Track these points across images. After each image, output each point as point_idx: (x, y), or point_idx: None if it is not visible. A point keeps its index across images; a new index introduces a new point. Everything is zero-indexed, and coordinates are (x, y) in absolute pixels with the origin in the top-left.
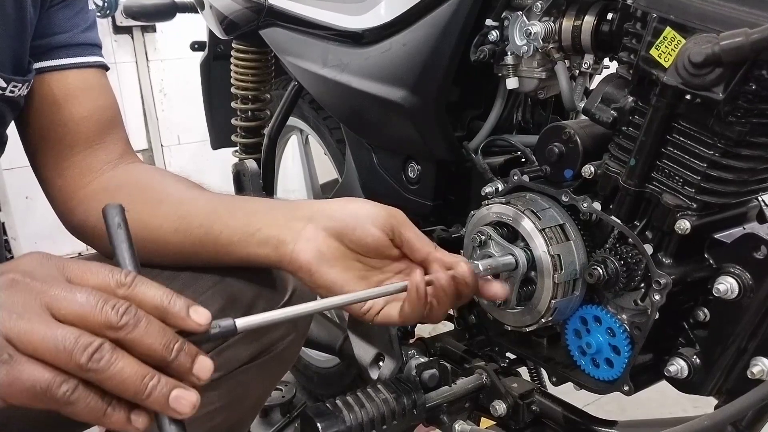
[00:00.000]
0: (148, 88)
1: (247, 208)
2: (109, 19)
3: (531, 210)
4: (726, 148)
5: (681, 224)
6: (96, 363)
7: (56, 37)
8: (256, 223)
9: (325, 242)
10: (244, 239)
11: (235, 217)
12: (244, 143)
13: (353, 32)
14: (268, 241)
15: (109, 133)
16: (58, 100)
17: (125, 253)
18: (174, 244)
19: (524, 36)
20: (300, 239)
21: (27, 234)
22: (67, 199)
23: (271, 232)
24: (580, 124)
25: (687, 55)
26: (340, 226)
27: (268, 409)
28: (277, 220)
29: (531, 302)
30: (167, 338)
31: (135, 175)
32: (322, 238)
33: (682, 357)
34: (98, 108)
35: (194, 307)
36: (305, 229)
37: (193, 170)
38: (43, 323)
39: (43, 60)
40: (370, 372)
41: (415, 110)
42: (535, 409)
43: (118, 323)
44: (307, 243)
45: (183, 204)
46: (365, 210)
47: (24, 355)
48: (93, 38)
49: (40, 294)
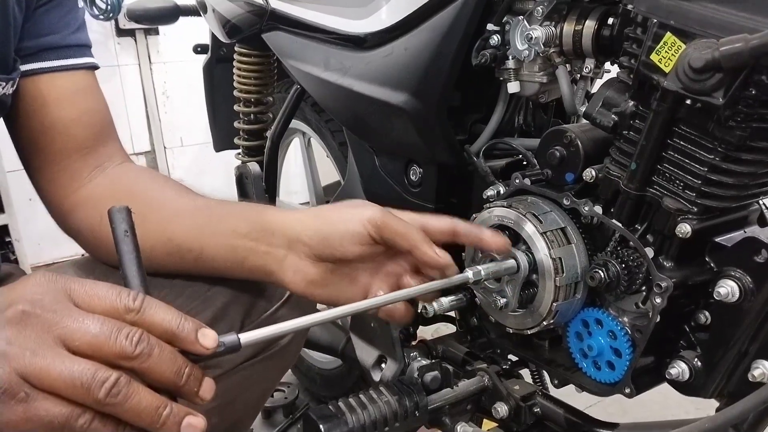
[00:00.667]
0: (150, 91)
1: (228, 229)
2: (112, 21)
3: (532, 213)
4: (726, 153)
5: (682, 228)
6: (114, 397)
7: (46, 38)
8: (240, 250)
9: (310, 270)
10: (235, 266)
11: (219, 242)
12: (247, 146)
13: (355, 36)
14: (258, 270)
15: (99, 136)
16: (47, 102)
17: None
18: (169, 265)
19: (525, 40)
20: (286, 271)
21: (30, 236)
22: (58, 204)
23: (258, 262)
24: (581, 128)
25: (687, 61)
26: (319, 250)
27: (271, 410)
28: (259, 248)
29: (533, 305)
30: (178, 364)
31: (123, 183)
32: (306, 267)
33: (683, 360)
34: (88, 111)
35: (202, 330)
36: (287, 259)
37: (195, 172)
38: (58, 358)
39: (33, 62)
40: (372, 374)
41: (417, 114)
42: (537, 411)
43: (133, 353)
44: (294, 275)
45: (169, 222)
46: (339, 231)
47: (41, 392)
48: (83, 39)
49: (52, 327)
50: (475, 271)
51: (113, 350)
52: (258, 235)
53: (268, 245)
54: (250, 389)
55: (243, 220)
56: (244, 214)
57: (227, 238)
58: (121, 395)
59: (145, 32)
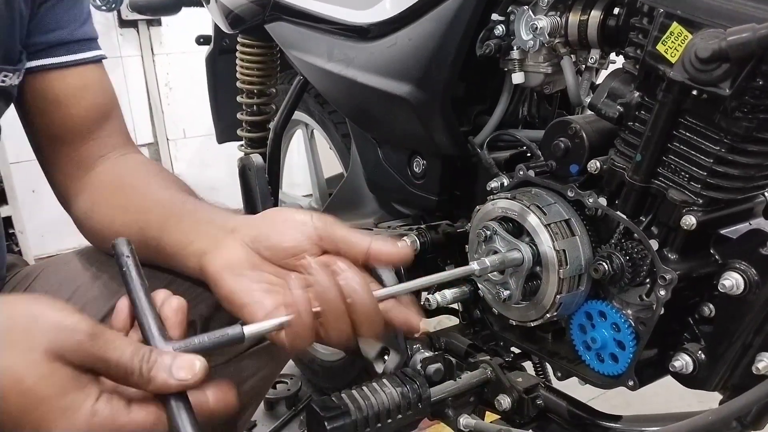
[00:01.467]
0: (153, 82)
1: (192, 220)
2: (114, 12)
3: (536, 205)
4: (732, 144)
5: (687, 220)
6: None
7: (54, 33)
8: (192, 235)
9: (237, 252)
10: (180, 252)
11: (179, 229)
12: (250, 137)
13: (359, 27)
14: (196, 252)
15: (104, 126)
16: (58, 98)
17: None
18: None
19: (530, 31)
20: (217, 249)
21: (33, 227)
22: (64, 192)
23: (201, 244)
24: (586, 119)
25: (694, 51)
26: (255, 233)
27: (274, 402)
28: (209, 231)
29: (536, 297)
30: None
31: (115, 173)
32: (235, 248)
33: (687, 352)
34: (97, 104)
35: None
36: (225, 239)
37: (198, 164)
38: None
39: (43, 58)
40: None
41: (421, 105)
42: (540, 404)
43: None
44: (218, 252)
45: (145, 213)
46: (286, 216)
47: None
48: (90, 32)
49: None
50: (480, 263)
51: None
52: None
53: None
54: (250, 378)
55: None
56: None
57: (188, 225)
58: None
59: (147, 23)
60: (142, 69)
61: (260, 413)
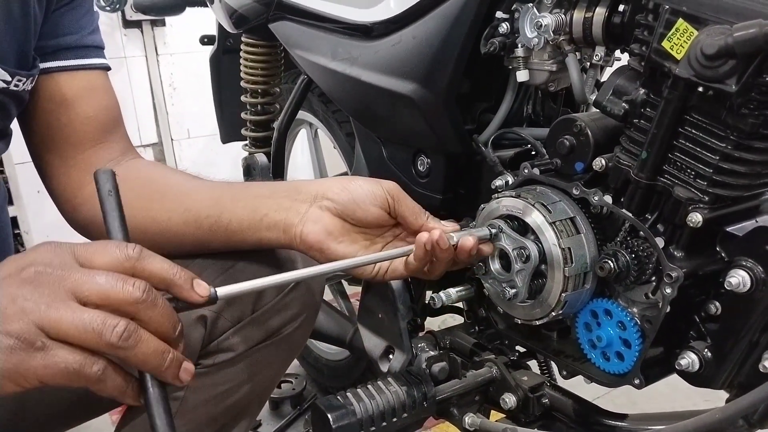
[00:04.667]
0: (158, 82)
1: (250, 194)
2: (118, 13)
3: (541, 203)
4: (738, 141)
5: (693, 217)
6: (125, 341)
7: (64, 38)
8: (261, 208)
9: (330, 222)
10: (253, 225)
11: (240, 205)
12: (254, 137)
13: (363, 25)
14: (276, 225)
15: (111, 132)
16: (66, 99)
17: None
18: (186, 236)
19: (535, 28)
20: (307, 221)
21: (39, 228)
22: (71, 197)
23: (278, 216)
24: (591, 116)
25: (699, 47)
26: (341, 208)
27: (279, 401)
28: (282, 204)
29: (541, 295)
30: (174, 318)
31: (136, 172)
32: (327, 219)
33: (693, 350)
34: (103, 108)
35: (197, 280)
36: (309, 211)
37: (203, 164)
38: (70, 309)
39: (52, 60)
40: (380, 365)
41: (425, 103)
42: (545, 402)
43: (141, 298)
44: (314, 224)
45: (187, 195)
46: (364, 191)
47: (56, 341)
48: (98, 41)
49: (63, 282)
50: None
51: (120, 298)
52: (283, 194)
53: (292, 201)
54: (259, 375)
55: (264, 187)
56: (265, 185)
57: (248, 200)
58: (132, 339)
59: (151, 23)
60: (147, 69)
61: (265, 412)
